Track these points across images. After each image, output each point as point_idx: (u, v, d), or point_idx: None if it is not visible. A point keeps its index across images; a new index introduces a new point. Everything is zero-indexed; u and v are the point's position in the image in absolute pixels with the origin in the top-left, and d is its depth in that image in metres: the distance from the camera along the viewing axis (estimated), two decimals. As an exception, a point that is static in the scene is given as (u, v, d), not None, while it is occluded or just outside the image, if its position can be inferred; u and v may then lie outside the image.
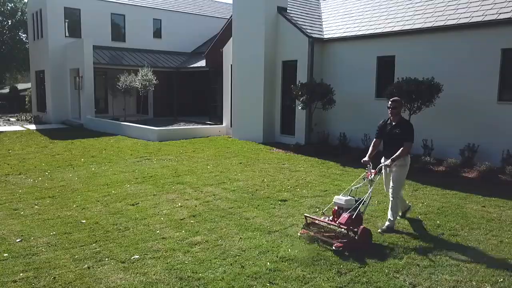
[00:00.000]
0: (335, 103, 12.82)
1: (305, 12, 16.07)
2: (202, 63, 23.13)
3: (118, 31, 25.51)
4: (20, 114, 29.08)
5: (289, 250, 5.07)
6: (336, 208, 5.52)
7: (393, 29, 12.28)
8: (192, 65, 24.23)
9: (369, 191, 5.65)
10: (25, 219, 6.33)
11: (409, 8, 12.99)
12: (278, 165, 10.71)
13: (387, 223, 5.86)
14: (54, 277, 4.34)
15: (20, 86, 46.51)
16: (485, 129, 10.36)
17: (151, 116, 24.83)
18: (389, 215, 5.87)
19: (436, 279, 4.34)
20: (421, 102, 10.16)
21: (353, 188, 5.81)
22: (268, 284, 4.24)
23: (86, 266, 4.63)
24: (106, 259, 4.82)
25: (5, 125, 23.40)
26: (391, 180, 5.92)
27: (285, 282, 4.28)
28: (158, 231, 5.76)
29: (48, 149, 13.78)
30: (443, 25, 11.04)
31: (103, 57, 23.21)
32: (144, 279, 4.32)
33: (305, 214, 5.71)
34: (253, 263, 4.70)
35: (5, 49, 44.48)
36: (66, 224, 6.07)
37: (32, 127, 21.93)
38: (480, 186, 8.42)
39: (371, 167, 5.74)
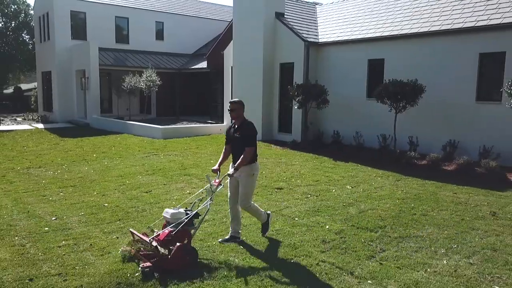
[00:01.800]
0: (328, 103, 13.76)
1: (302, 17, 17.02)
2: (203, 64, 24.08)
3: (122, 34, 26.45)
4: (26, 114, 29.98)
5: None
6: (165, 222, 4.98)
7: (383, 34, 13.24)
8: (193, 67, 25.17)
9: (205, 203, 5.15)
10: (55, 203, 7.27)
11: (398, 14, 13.96)
12: (276, 160, 11.66)
13: (230, 231, 5.56)
14: (91, 244, 5.29)
15: (23, 86, 47.43)
16: (464, 127, 11.34)
17: (154, 116, 25.73)
18: (234, 224, 5.53)
19: (403, 246, 5.29)
20: (405, 102, 11.13)
21: (196, 200, 5.39)
22: (265, 247, 5.18)
23: (115, 236, 5.57)
24: (127, 233, 5.75)
25: (13, 124, 24.32)
26: (239, 193, 5.41)
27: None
28: (171, 212, 6.71)
29: (60, 146, 14.70)
30: (427, 31, 12.01)
31: (107, 59, 24.12)
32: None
33: (130, 229, 5.12)
34: (253, 235, 5.65)
35: (9, 50, 45.33)
36: (91, 207, 7.01)
37: (40, 126, 22.83)
38: (457, 177, 9.38)
39: (217, 176, 5.30)
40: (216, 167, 5.41)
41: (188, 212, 4.95)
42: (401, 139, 12.10)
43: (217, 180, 5.15)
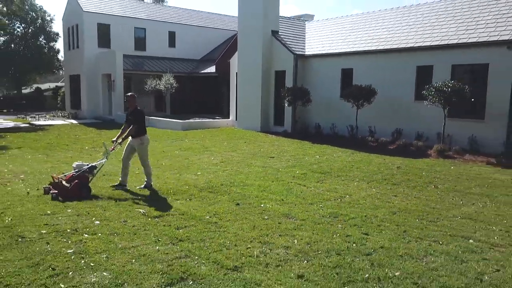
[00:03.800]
0: (311, 102, 18.06)
1: (293, 33, 21.30)
2: (211, 69, 28.38)
3: (140, 42, 30.74)
4: (55, 111, 34.11)
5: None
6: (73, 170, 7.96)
7: (352, 50, 17.55)
8: (203, 71, 29.47)
9: (100, 160, 8.38)
10: (129, 164, 11.53)
11: (364, 34, 18.29)
12: (271, 143, 15.96)
13: (145, 182, 8.55)
14: (166, 179, 9.56)
15: (41, 87, 51.61)
16: (406, 119, 15.65)
17: (169, 113, 29.99)
18: (146, 177, 8.59)
19: (336, 178, 9.58)
20: (363, 100, 15.46)
21: (101, 160, 8.46)
22: (261, 178, 9.47)
23: (178, 175, 9.85)
24: (185, 173, 10.03)
25: (48, 120, 28.54)
26: (138, 156, 8.51)
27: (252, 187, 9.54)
28: (205, 166, 11.02)
29: (103, 135, 18.97)
30: (382, 49, 16.33)
31: (128, 64, 28.32)
32: (205, 178, 9.56)
33: (52, 174, 8.01)
34: (255, 175, 9.95)
35: (27, 54, 49.42)
36: (153, 165, 11.24)
37: (73, 121, 27.05)
38: (394, 153, 13.67)
39: (115, 143, 8.21)
40: (114, 138, 8.36)
41: (88, 165, 8.02)
42: (363, 128, 16.43)
43: (112, 147, 8.24)
